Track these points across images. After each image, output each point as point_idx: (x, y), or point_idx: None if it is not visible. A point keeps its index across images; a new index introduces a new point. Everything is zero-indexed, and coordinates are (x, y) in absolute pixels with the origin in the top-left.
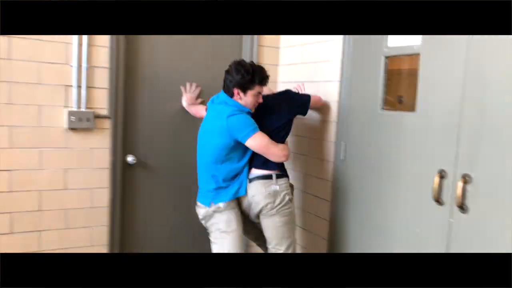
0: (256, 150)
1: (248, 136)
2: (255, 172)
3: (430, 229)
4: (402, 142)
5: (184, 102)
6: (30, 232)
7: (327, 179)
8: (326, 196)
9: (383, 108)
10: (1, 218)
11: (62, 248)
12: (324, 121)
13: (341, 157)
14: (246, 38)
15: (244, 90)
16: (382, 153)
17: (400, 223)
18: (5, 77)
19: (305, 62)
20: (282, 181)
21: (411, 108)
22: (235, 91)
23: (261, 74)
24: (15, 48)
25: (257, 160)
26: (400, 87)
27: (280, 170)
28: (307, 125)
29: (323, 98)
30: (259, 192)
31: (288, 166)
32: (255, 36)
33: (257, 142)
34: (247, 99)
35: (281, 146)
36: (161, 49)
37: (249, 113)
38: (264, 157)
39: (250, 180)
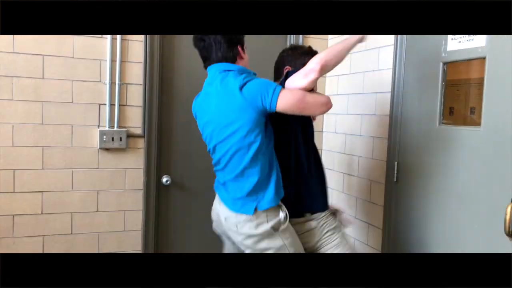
0: (293, 111)
1: (276, 97)
2: None
3: None
4: (465, 164)
5: None
6: None
7: (378, 204)
8: (377, 223)
9: (442, 123)
10: (34, 241)
11: None
12: (374, 137)
13: (393, 179)
14: (291, 38)
15: (243, 46)
16: (441, 175)
17: None
18: (37, 96)
19: (353, 72)
20: (322, 214)
21: (476, 122)
22: (240, 49)
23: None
24: (48, 66)
25: None
26: (463, 98)
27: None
28: (355, 141)
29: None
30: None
31: (336, 188)
32: (300, 37)
33: (289, 98)
34: (246, 57)
35: (316, 92)
36: (198, 63)
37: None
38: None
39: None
